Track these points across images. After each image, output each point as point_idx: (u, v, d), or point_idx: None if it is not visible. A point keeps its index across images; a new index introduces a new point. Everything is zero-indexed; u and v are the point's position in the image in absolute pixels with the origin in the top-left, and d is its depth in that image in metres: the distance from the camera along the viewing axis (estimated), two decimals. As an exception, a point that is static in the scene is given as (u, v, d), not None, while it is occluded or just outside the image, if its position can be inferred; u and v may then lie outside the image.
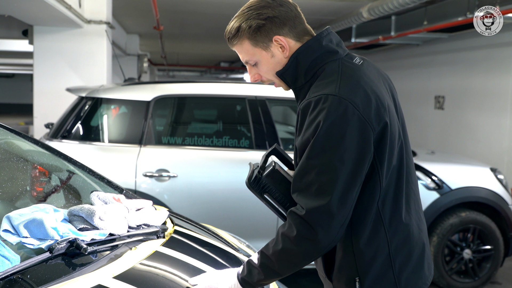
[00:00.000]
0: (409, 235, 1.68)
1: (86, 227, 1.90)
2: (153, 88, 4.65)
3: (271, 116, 4.55)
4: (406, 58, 11.89)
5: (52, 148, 2.70)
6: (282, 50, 1.71)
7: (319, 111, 1.55)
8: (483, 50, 9.09)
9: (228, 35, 1.75)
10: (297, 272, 1.73)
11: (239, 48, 1.75)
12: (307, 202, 1.55)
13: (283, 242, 1.59)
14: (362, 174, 1.58)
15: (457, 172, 4.90)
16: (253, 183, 1.73)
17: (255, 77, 1.79)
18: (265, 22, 1.68)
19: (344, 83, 1.59)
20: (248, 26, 1.68)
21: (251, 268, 1.67)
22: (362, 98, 1.58)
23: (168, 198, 4.24)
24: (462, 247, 4.73)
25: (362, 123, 1.55)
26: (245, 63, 1.78)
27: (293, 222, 1.57)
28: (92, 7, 7.33)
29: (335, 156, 1.53)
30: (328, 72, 1.65)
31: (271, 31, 1.68)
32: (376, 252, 1.64)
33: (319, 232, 1.53)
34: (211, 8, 9.39)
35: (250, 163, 1.84)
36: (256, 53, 1.72)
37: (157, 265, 1.93)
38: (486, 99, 9.00)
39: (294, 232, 1.56)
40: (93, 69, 7.36)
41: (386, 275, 1.65)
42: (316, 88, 1.62)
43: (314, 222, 1.53)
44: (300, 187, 1.58)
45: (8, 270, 1.57)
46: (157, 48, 15.14)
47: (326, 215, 1.53)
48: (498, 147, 8.66)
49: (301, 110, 1.62)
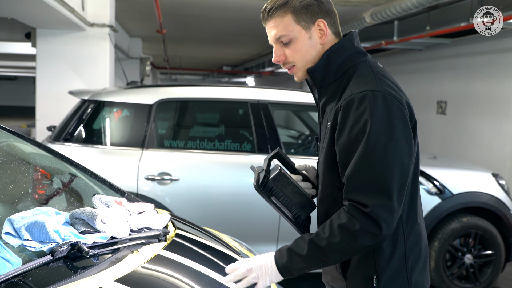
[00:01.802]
0: (420, 235, 1.73)
1: (87, 230, 1.90)
2: (156, 92, 4.66)
3: (273, 120, 4.55)
4: (409, 63, 11.88)
5: (54, 151, 2.70)
6: (321, 35, 1.72)
7: (365, 107, 1.57)
8: (486, 55, 9.09)
9: (272, 5, 1.72)
10: (298, 276, 1.72)
11: (278, 21, 1.72)
12: (370, 199, 1.54)
13: (342, 235, 1.57)
14: (411, 166, 1.62)
15: (459, 177, 4.89)
16: (261, 186, 1.73)
17: (280, 58, 1.76)
18: (315, 3, 1.71)
19: (382, 81, 1.63)
20: (299, 1, 1.69)
21: (293, 256, 1.64)
22: (399, 96, 1.63)
23: (169, 201, 4.24)
24: (463, 252, 4.72)
25: (405, 118, 1.60)
26: (275, 41, 1.75)
27: (356, 216, 1.55)
28: (95, 11, 7.35)
29: (388, 150, 1.55)
30: (363, 71, 1.67)
31: (316, 14, 1.71)
32: (394, 250, 1.66)
33: (383, 228, 1.54)
34: (214, 12, 9.41)
35: (252, 166, 1.83)
36: (296, 30, 1.71)
37: (158, 268, 1.93)
38: (488, 104, 9.00)
39: (357, 226, 1.54)
40: (96, 72, 7.38)
41: (400, 274, 1.67)
42: (356, 85, 1.63)
43: (379, 217, 1.53)
44: (357, 185, 1.57)
45: (9, 273, 1.57)
46: (159, 51, 15.16)
47: (390, 211, 1.54)
48: (500, 153, 8.64)
49: (343, 107, 1.61)
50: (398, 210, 1.56)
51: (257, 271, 1.68)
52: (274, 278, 1.67)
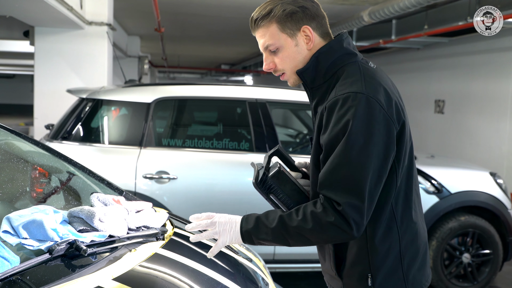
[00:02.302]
0: (417, 233, 1.74)
1: (86, 228, 1.90)
2: (154, 90, 4.66)
3: (272, 118, 4.55)
4: (407, 62, 11.89)
5: (52, 149, 2.70)
6: (307, 41, 1.73)
7: (347, 108, 1.59)
8: (484, 54, 9.10)
9: (257, 15, 1.75)
10: (297, 275, 1.73)
11: (264, 30, 1.75)
12: (342, 198, 1.56)
13: (314, 223, 1.59)
14: (387, 170, 1.62)
15: (457, 176, 4.90)
16: (260, 183, 1.74)
17: (270, 66, 1.79)
18: (299, 10, 1.71)
19: (368, 83, 1.64)
20: (282, 9, 1.70)
21: (260, 225, 1.67)
22: (385, 97, 1.63)
23: (167, 200, 4.24)
24: (461, 251, 4.73)
25: (387, 121, 1.61)
26: (264, 49, 1.78)
27: (329, 210, 1.58)
28: (94, 9, 7.34)
29: (365, 152, 1.57)
30: (351, 73, 1.69)
31: (301, 20, 1.72)
32: (389, 249, 1.68)
33: (354, 227, 1.56)
34: (212, 11, 9.40)
35: (252, 163, 1.84)
36: (281, 38, 1.73)
37: (156, 267, 1.93)
38: (486, 103, 9.01)
39: (331, 218, 1.57)
40: (94, 70, 7.37)
41: (396, 272, 1.69)
42: (342, 86, 1.65)
43: (349, 217, 1.55)
44: (331, 182, 1.59)
45: (7, 271, 1.57)
46: (158, 50, 15.15)
47: (360, 212, 1.56)
48: (497, 152, 8.66)
49: (328, 107, 1.63)
50: (369, 212, 1.59)
51: (219, 227, 1.70)
52: (234, 239, 1.69)
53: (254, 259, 2.66)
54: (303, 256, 4.45)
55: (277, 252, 4.40)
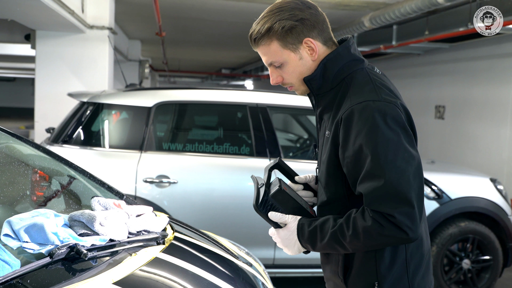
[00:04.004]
0: (421, 240, 1.72)
1: (86, 232, 1.90)
2: (155, 94, 4.66)
3: (272, 123, 4.55)
4: (407, 67, 11.91)
5: (53, 153, 2.70)
6: (311, 53, 1.71)
7: (367, 117, 1.57)
8: (484, 60, 9.11)
9: (256, 35, 1.71)
10: (297, 280, 1.74)
11: (266, 49, 1.72)
12: (393, 209, 1.53)
13: (365, 237, 1.57)
14: (421, 166, 1.62)
15: (457, 182, 4.90)
16: (261, 206, 1.72)
17: (277, 79, 1.77)
18: (297, 24, 1.67)
19: (381, 90, 1.63)
20: (281, 26, 1.66)
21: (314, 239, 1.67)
22: (397, 101, 1.63)
23: (168, 204, 4.24)
24: (461, 257, 4.73)
25: (405, 124, 1.61)
26: (269, 65, 1.76)
27: (382, 223, 1.55)
28: (95, 13, 7.36)
29: (400, 159, 1.56)
30: (361, 80, 1.67)
31: (302, 33, 1.68)
32: (395, 257, 1.67)
33: (409, 233, 1.54)
34: (213, 15, 9.42)
35: (253, 176, 1.82)
36: (284, 54, 1.71)
37: (156, 271, 1.93)
38: (486, 109, 9.01)
39: (386, 231, 1.55)
40: (95, 74, 7.38)
41: (402, 280, 1.68)
42: (356, 95, 1.63)
43: (404, 226, 1.54)
44: (379, 197, 1.55)
45: (8, 275, 1.57)
46: (158, 54, 15.16)
47: (414, 218, 1.54)
48: (498, 158, 8.66)
49: (344, 119, 1.61)
50: (421, 213, 1.58)
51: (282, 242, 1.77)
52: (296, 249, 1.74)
53: (254, 263, 2.66)
54: (303, 261, 4.45)
55: (277, 257, 4.40)
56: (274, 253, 4.37)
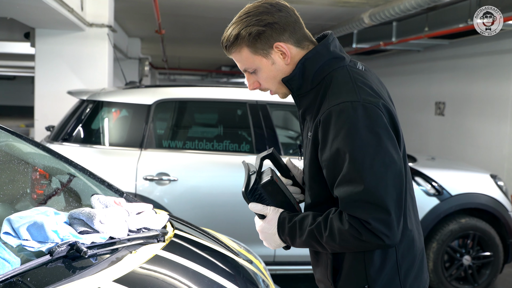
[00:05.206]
0: (413, 241, 1.67)
1: (86, 230, 1.90)
2: (154, 92, 4.66)
3: (272, 120, 4.55)
4: (407, 64, 11.90)
5: (52, 151, 2.70)
6: (283, 56, 1.66)
7: (345, 119, 1.51)
8: (484, 56, 9.10)
9: (225, 43, 1.68)
10: (297, 277, 1.73)
11: (238, 56, 1.69)
12: (368, 216, 1.49)
13: (340, 240, 1.54)
14: (404, 172, 1.55)
15: (457, 178, 4.90)
16: (249, 193, 1.68)
17: (254, 85, 1.73)
18: (265, 29, 1.62)
19: (361, 89, 1.57)
20: (248, 33, 1.62)
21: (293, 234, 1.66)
22: (379, 101, 1.57)
23: (168, 201, 4.24)
24: (461, 253, 4.73)
25: (387, 125, 1.55)
26: (244, 71, 1.72)
27: (358, 229, 1.51)
28: (94, 11, 7.35)
29: (378, 163, 1.50)
30: (341, 80, 1.61)
31: (271, 38, 1.63)
32: (385, 259, 1.62)
33: (385, 240, 1.50)
34: (212, 13, 9.41)
35: (244, 161, 1.78)
36: (256, 60, 1.66)
37: (157, 269, 1.93)
38: (486, 105, 9.01)
39: (361, 236, 1.51)
40: (95, 72, 7.38)
41: (393, 282, 1.63)
42: (334, 96, 1.57)
43: (380, 233, 1.49)
44: (355, 202, 1.51)
45: (8, 273, 1.57)
46: (158, 51, 15.15)
47: (390, 225, 1.49)
48: (498, 154, 8.66)
49: (322, 120, 1.56)
50: (399, 219, 1.52)
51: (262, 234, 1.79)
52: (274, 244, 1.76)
53: (255, 261, 2.66)
54: (304, 258, 4.45)
55: (278, 254, 4.40)
56: (275, 250, 4.37)
